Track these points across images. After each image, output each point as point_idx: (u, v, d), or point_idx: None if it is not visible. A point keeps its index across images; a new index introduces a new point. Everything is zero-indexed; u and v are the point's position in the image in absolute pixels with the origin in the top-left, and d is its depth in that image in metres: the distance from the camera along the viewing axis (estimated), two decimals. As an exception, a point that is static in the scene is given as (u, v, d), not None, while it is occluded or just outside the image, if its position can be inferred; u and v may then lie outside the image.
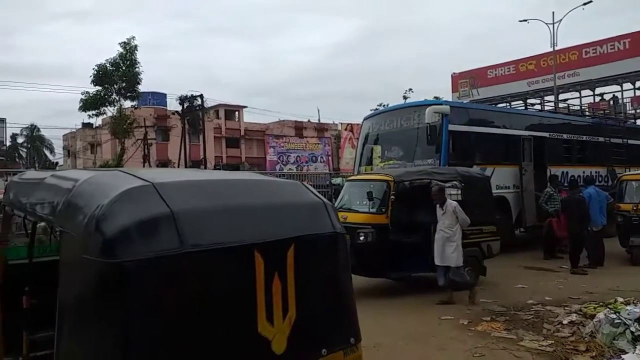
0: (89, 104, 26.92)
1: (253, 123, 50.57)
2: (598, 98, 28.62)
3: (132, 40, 26.67)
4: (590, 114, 17.33)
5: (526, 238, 12.74)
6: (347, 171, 27.98)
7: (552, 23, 25.37)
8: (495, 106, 16.95)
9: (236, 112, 50.37)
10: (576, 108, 18.32)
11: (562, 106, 18.00)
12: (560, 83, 26.57)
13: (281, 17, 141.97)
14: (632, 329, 5.02)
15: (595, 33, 56.43)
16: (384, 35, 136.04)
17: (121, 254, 1.82)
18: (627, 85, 27.33)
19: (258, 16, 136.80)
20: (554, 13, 25.63)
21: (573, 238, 9.72)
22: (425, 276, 7.96)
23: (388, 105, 29.94)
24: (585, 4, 23.66)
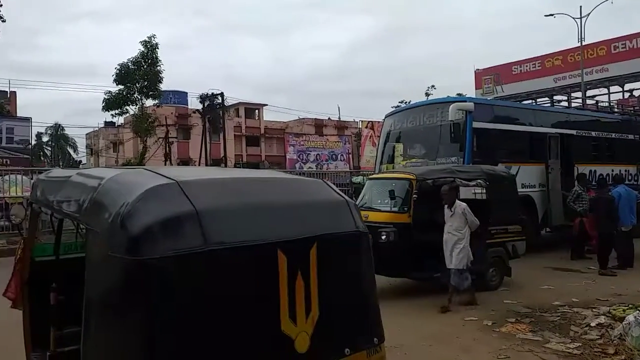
0: (112, 103, 27.36)
1: (273, 121, 50.77)
2: (627, 94, 27.91)
3: (153, 38, 27.04)
4: (619, 111, 16.90)
5: (552, 238, 12.48)
6: (368, 169, 27.86)
7: (580, 17, 24.85)
8: (520, 103, 16.62)
9: (256, 110, 50.64)
10: (605, 105, 17.87)
11: (590, 103, 17.60)
12: (588, 79, 25.95)
13: (301, 14, 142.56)
14: (664, 333, 4.87)
15: (624, 27, 55.05)
16: (405, 31, 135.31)
17: (146, 252, 1.83)
18: (658, 81, 26.62)
19: (277, 14, 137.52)
20: (582, 7, 25.13)
21: (602, 238, 9.53)
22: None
23: (410, 102, 29.73)
24: (614, -3, 23.07)
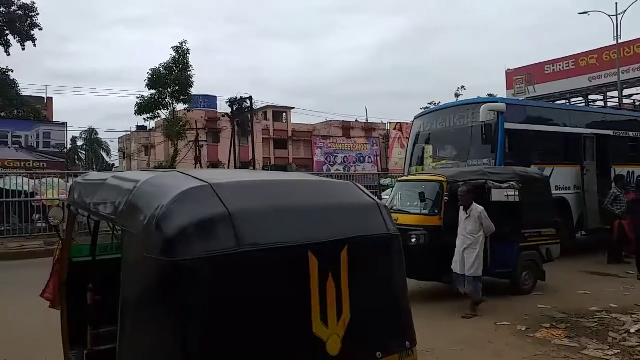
0: (144, 108, 27.93)
1: (300, 124, 51.00)
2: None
3: (185, 44, 27.49)
4: (658, 110, 16.33)
5: (588, 242, 12.13)
6: (396, 172, 27.70)
7: (616, 15, 24.09)
8: (553, 103, 16.22)
9: (284, 113, 50.94)
10: (642, 104, 17.28)
11: (627, 102, 17.04)
12: (624, 78, 25.06)
13: (327, 18, 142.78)
14: None
15: (662, 24, 53.06)
16: (433, 32, 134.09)
17: (180, 253, 1.85)
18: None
19: (304, 18, 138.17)
20: (617, 4, 24.37)
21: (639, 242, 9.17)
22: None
23: (439, 103, 29.38)
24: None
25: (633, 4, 23.69)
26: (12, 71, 27.50)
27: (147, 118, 29.34)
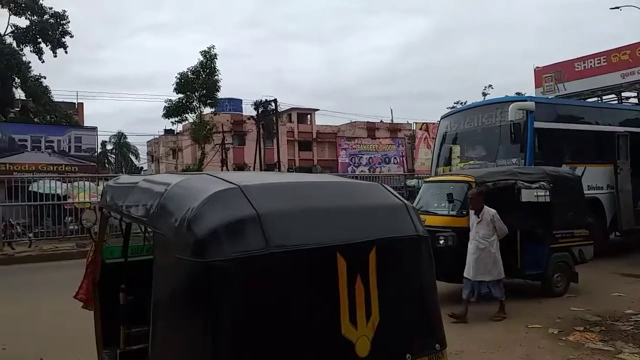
0: (172, 111, 28.43)
1: (325, 125, 51.07)
2: None
3: (212, 49, 27.88)
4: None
5: (622, 243, 11.79)
6: (423, 172, 27.39)
7: (649, 9, 23.33)
8: (585, 101, 15.81)
9: (308, 115, 51.11)
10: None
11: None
12: (659, 74, 24.28)
13: (349, 20, 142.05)
14: None
15: (699, 17, 51.15)
16: (457, 31, 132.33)
17: (211, 254, 1.88)
18: None
19: (327, 20, 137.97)
20: (651, -2, 23.61)
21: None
22: (509, 282, 7.59)
23: (465, 103, 28.98)
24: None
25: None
26: (45, 78, 28.28)
27: (175, 122, 29.88)
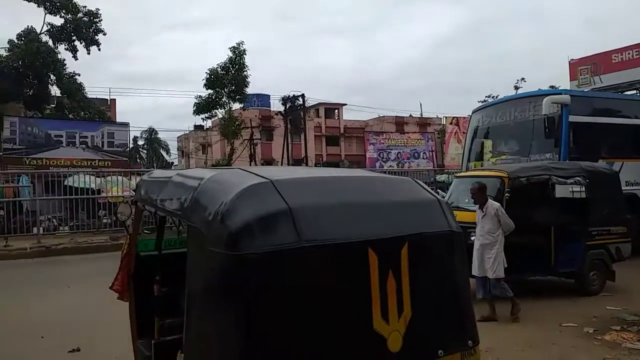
0: (202, 107, 28.80)
1: (352, 120, 50.84)
2: None
3: (241, 45, 28.08)
4: None
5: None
6: (453, 167, 27.05)
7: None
8: (622, 94, 15.30)
9: (336, 110, 50.98)
10: None
11: None
12: (701, 65, 23.26)
13: (379, 13, 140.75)
14: None
15: None
16: (489, 24, 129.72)
17: (244, 247, 1.90)
18: None
19: (355, 13, 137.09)
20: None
21: None
22: (543, 279, 7.45)
23: (497, 97, 28.42)
24: None
25: None
26: (79, 75, 29.01)
27: (205, 117, 30.22)
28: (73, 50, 27.85)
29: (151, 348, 3.04)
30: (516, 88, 34.69)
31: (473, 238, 6.99)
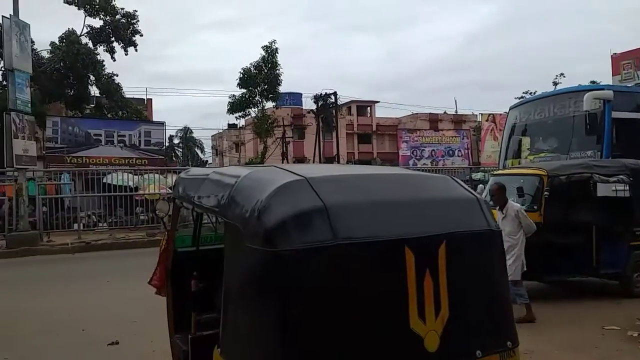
0: (236, 106, 29.23)
1: (385, 118, 50.51)
2: None
3: (274, 43, 28.30)
4: None
5: None
6: (489, 165, 26.52)
7: None
8: (668, 88, 14.67)
9: (368, 108, 50.73)
10: None
11: None
12: None
13: (411, 8, 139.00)
14: None
15: None
16: (526, 17, 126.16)
17: (280, 244, 1.91)
18: None
19: (389, 11, 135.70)
20: None
21: None
22: (584, 280, 7.21)
23: (535, 93, 27.73)
24: None
25: None
26: (117, 75, 29.85)
27: (238, 116, 30.63)
28: (111, 51, 28.65)
29: (188, 343, 3.09)
30: (555, 84, 33.81)
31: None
